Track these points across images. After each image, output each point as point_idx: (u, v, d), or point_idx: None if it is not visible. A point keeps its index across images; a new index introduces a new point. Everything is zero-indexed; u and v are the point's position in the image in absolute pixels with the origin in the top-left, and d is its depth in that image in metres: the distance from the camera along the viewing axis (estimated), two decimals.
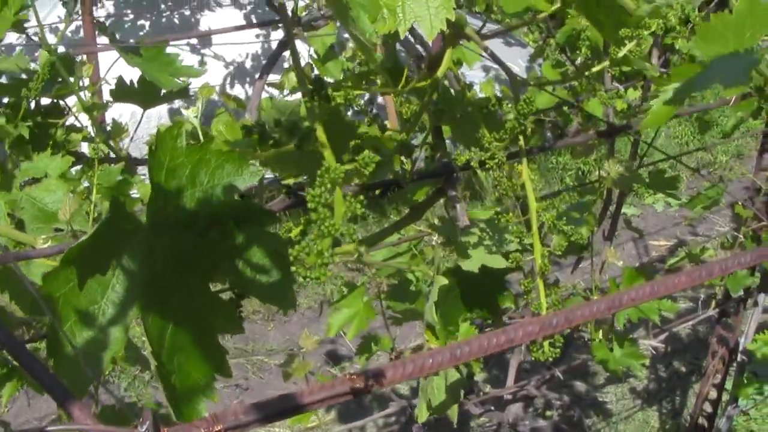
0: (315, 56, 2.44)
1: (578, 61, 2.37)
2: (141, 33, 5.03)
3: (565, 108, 2.81)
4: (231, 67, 5.20)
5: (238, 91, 5.13)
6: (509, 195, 0.93)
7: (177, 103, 5.02)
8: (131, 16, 5.09)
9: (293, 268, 0.67)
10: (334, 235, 0.68)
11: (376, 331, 2.55)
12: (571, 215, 2.35)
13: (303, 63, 2.53)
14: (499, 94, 5.53)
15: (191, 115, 1.07)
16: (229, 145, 0.93)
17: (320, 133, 0.73)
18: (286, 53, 1.72)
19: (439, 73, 0.93)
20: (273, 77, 2.15)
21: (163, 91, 1.49)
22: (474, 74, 4.93)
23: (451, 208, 1.01)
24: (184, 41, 4.82)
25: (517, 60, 5.41)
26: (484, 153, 0.91)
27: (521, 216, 0.99)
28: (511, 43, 5.54)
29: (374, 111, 1.88)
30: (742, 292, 2.92)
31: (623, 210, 4.77)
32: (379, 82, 0.89)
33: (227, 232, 0.80)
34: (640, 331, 3.81)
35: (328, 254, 0.67)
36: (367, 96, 1.72)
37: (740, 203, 2.85)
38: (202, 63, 5.14)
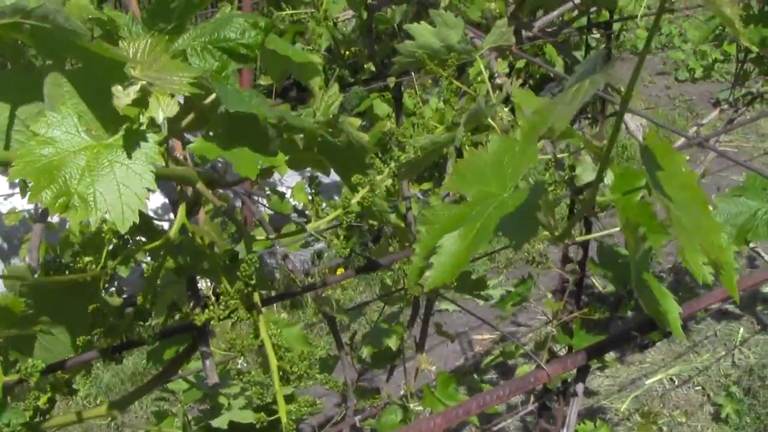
0: None
1: None
2: None
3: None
4: None
5: None
6: (245, 354, 0.89)
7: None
8: None
9: None
10: None
11: None
12: (380, 327, 2.33)
13: None
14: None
15: None
16: None
17: None
18: None
19: (172, 233, 0.89)
20: None
21: None
22: (290, 179, 4.93)
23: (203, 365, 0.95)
24: None
25: None
26: (223, 310, 0.87)
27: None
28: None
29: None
30: (559, 384, 2.97)
31: (445, 306, 4.80)
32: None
33: None
34: (470, 427, 3.81)
35: None
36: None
37: (549, 297, 2.91)
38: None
